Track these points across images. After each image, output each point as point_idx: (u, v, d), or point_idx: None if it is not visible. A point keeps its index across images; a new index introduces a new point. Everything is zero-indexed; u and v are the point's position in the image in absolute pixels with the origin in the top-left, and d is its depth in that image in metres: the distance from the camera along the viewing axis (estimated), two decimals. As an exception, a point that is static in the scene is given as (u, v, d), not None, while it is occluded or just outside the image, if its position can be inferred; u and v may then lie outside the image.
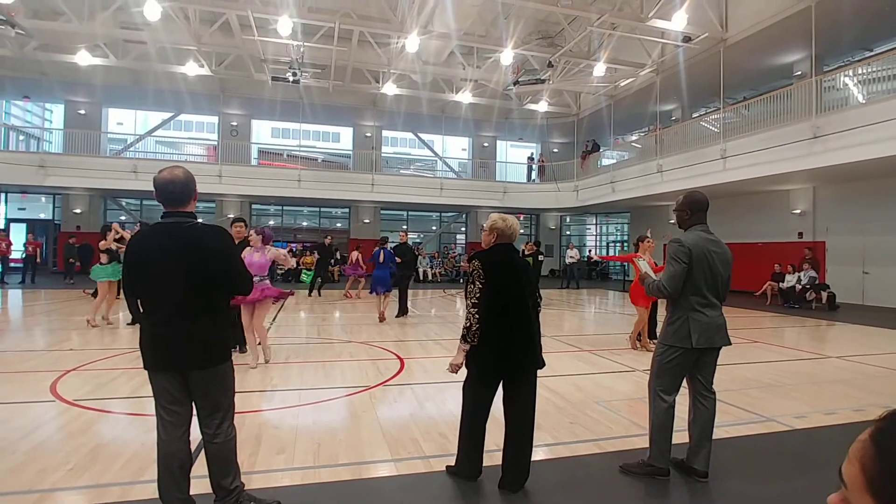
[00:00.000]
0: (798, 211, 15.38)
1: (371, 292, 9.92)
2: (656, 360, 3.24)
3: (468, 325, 2.91)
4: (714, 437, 3.79)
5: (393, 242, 10.81)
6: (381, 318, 9.63)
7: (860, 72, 12.05)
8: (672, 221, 16.51)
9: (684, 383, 3.30)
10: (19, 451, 3.36)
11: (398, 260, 10.04)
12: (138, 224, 8.63)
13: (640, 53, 16.14)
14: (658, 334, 3.40)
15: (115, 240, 8.33)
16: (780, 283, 14.00)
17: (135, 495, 2.82)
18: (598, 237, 26.72)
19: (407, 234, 11.14)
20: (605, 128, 20.17)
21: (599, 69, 15.70)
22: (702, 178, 14.52)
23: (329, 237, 15.50)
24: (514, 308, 2.96)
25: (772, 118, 12.89)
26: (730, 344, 3.24)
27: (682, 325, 3.09)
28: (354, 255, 13.76)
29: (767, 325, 10.50)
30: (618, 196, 18.60)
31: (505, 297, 2.94)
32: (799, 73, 14.32)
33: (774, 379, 5.74)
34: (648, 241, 7.30)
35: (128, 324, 8.48)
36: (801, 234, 15.34)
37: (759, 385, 5.45)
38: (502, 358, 2.91)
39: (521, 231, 25.86)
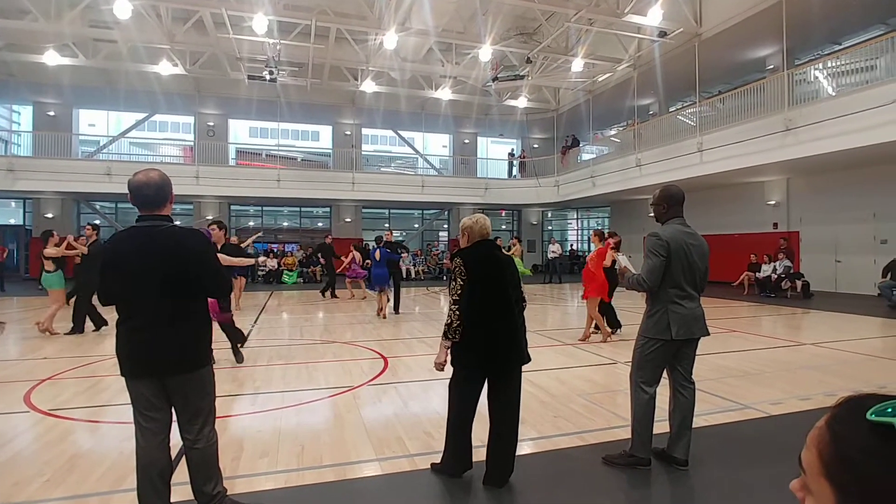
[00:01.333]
0: (773, 202, 15.71)
1: (371, 289, 10.09)
2: (637, 352, 3.29)
3: (449, 321, 2.92)
4: (693, 425, 3.87)
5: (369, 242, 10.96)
6: (382, 314, 9.96)
7: (830, 65, 12.34)
8: (651, 215, 16.71)
9: (665, 374, 3.36)
10: (-8, 464, 3.27)
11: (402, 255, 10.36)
12: (88, 226, 8.34)
13: (618, 49, 16.29)
14: (636, 326, 3.45)
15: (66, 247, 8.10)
16: (757, 273, 14.31)
17: (114, 505, 2.77)
18: (578, 231, 26.96)
19: (392, 234, 11.35)
20: (584, 123, 20.35)
21: (577, 64, 15.81)
22: (679, 171, 14.74)
23: (329, 236, 15.29)
24: (498, 304, 2.97)
25: (746, 111, 13.13)
26: (708, 334, 3.30)
27: (662, 318, 3.14)
28: (356, 255, 13.35)
29: (744, 315, 10.72)
30: (598, 190, 18.79)
31: (487, 293, 2.95)
32: (771, 66, 14.61)
33: (752, 367, 5.87)
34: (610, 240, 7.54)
35: (93, 330, 8.28)
36: (776, 225, 15.68)
37: (736, 373, 5.57)
38: (487, 355, 2.92)
39: (504, 227, 26.04)
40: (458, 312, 2.90)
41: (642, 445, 3.22)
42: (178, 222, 2.60)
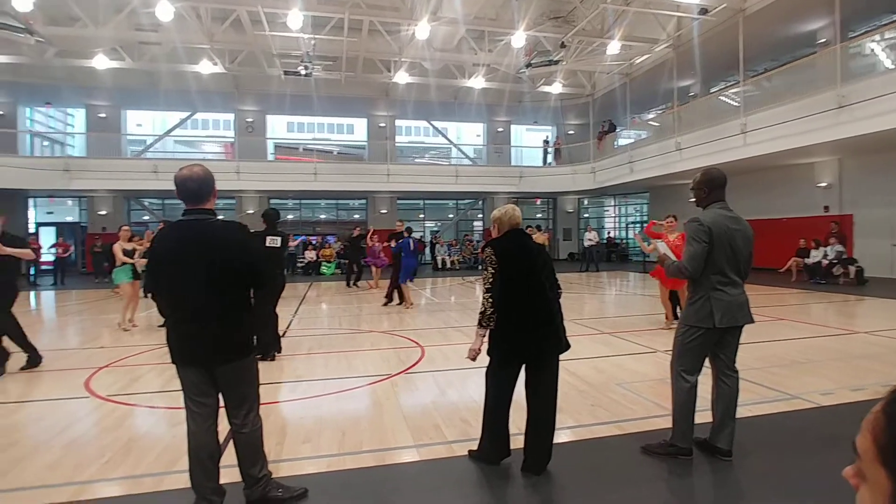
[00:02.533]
0: (823, 184, 14.95)
1: (401, 282, 10.06)
2: (678, 340, 3.21)
3: (483, 309, 2.94)
4: (737, 415, 3.77)
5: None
6: (410, 305, 10.03)
7: (888, 36, 11.58)
8: (692, 200, 16.20)
9: (707, 363, 3.27)
10: (56, 447, 3.50)
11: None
12: (161, 223, 8.51)
13: (655, 28, 15.75)
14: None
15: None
16: (806, 259, 13.68)
17: (168, 485, 2.92)
18: (616, 218, 26.39)
19: (403, 224, 11.23)
20: (620, 107, 19.83)
21: (614, 47, 15.39)
22: (722, 154, 14.20)
23: (357, 228, 15.53)
24: (532, 292, 2.97)
25: (794, 89, 12.49)
26: (752, 322, 3.19)
27: (704, 305, 3.05)
28: (377, 245, 13.55)
29: (793, 302, 10.29)
30: (636, 176, 18.30)
31: (521, 281, 2.95)
32: (823, 40, 13.83)
33: (800, 356, 5.65)
34: (669, 221, 7.27)
35: (158, 326, 8.20)
36: (826, 208, 14.92)
37: (784, 363, 5.37)
38: (522, 342, 2.92)
39: (539, 215, 25.77)
40: (491, 300, 2.91)
41: (683, 435, 3.16)
42: (220, 216, 2.69)
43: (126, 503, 2.79)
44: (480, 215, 25.45)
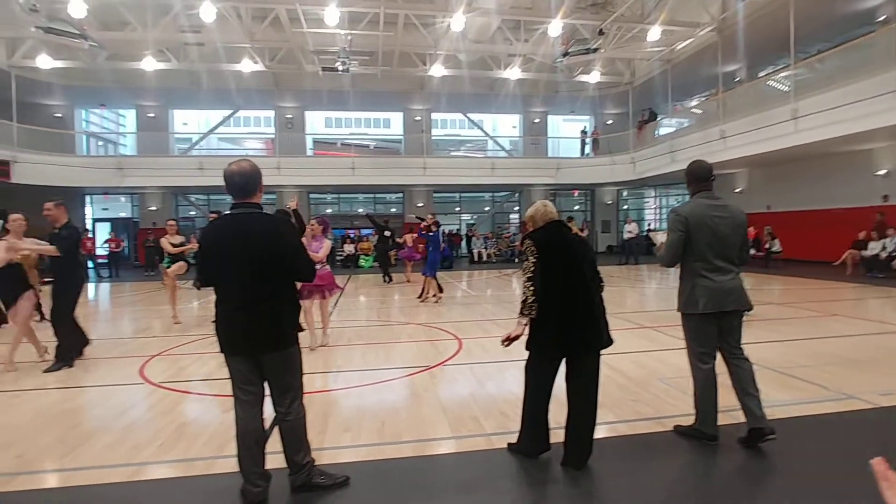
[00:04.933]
0: (882, 172, 14.09)
1: (425, 274, 10.06)
2: (684, 330, 3.36)
3: (524, 298, 2.92)
4: (788, 415, 3.65)
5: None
6: (437, 298, 9.98)
7: (956, 12, 10.80)
8: (737, 190, 15.84)
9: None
10: (115, 429, 3.71)
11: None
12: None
13: (698, 11, 15.16)
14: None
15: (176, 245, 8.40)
16: (863, 251, 12.96)
17: (218, 469, 3.05)
18: (657, 210, 25.67)
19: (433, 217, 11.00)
20: (661, 95, 19.19)
21: (654, 33, 14.91)
22: (770, 141, 13.60)
23: (386, 221, 15.64)
24: (571, 284, 2.93)
25: (851, 71, 11.79)
26: (749, 308, 3.27)
27: (691, 293, 3.19)
28: (409, 237, 13.78)
29: (847, 297, 9.80)
30: (677, 166, 17.68)
31: (561, 273, 2.92)
32: (883, 17, 13.00)
33: (855, 354, 5.37)
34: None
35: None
36: (885, 197, 14.06)
37: (837, 360, 5.12)
38: (562, 335, 2.89)
39: (577, 207, 25.35)
40: (532, 289, 2.89)
41: (707, 420, 3.23)
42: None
43: (180, 485, 2.93)
44: (517, 208, 25.25)
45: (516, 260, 20.74)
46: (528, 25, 16.61)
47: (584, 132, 24.19)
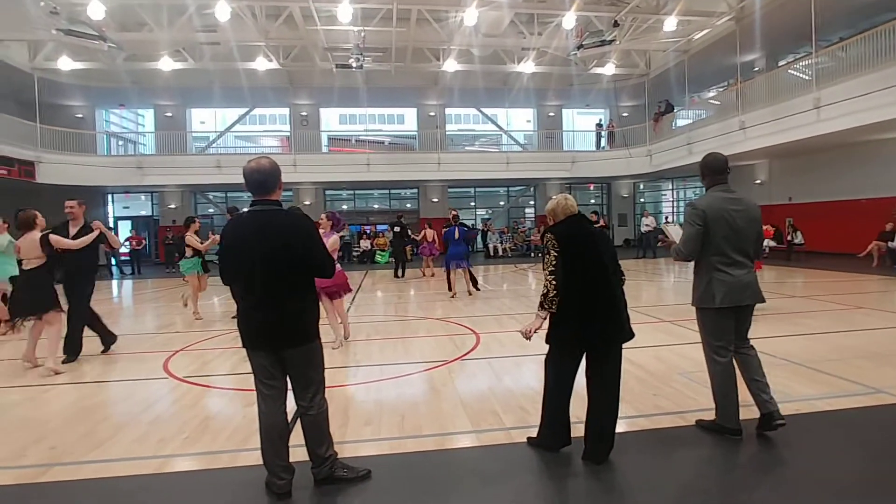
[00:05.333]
0: (909, 161, 13.74)
1: (445, 267, 10.10)
2: (698, 324, 3.35)
3: (545, 291, 2.91)
4: (815, 409, 3.60)
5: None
6: (453, 293, 9.97)
7: None
8: (758, 181, 15.59)
9: None
10: (142, 423, 3.79)
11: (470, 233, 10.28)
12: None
13: (716, 1, 14.88)
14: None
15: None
16: (889, 243, 12.65)
17: (242, 461, 3.10)
18: (674, 203, 25.35)
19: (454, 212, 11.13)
20: (678, 86, 18.92)
21: (671, 23, 14.68)
22: (791, 132, 13.34)
23: (401, 215, 15.64)
24: (593, 278, 2.91)
25: (875, 58, 11.48)
26: (762, 301, 3.27)
27: (707, 287, 3.16)
28: (430, 233, 13.68)
29: (873, 290, 9.58)
30: (695, 158, 17.38)
31: (583, 267, 2.90)
32: (909, 2, 12.62)
33: (883, 348, 5.26)
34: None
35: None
36: (913, 187, 13.72)
37: (864, 354, 5.02)
38: (583, 329, 2.88)
39: (593, 200, 25.13)
40: (554, 282, 2.88)
41: (727, 415, 3.20)
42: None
43: (205, 477, 2.99)
44: (532, 202, 25.12)
45: (532, 254, 20.67)
46: (542, 18, 16.46)
47: (599, 125, 23.94)
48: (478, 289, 10.39)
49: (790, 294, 9.15)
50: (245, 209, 2.77)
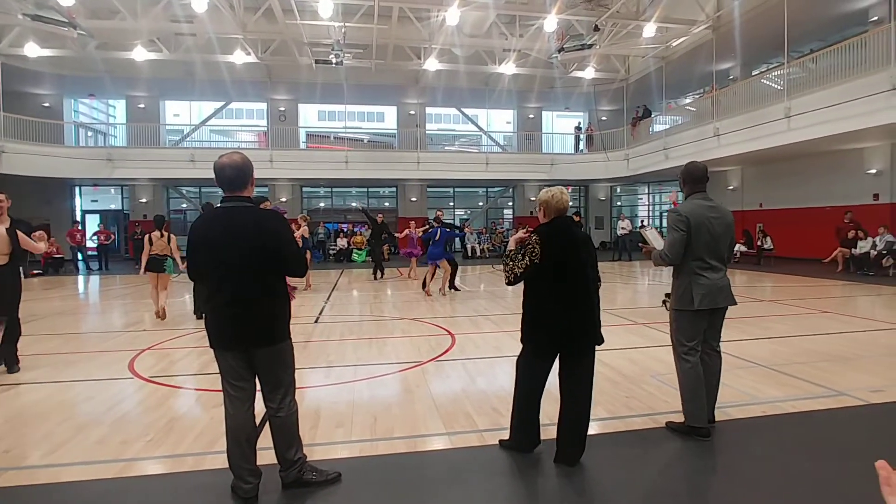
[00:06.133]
0: (873, 171, 14.22)
1: (429, 262, 10.16)
2: (671, 326, 3.43)
3: (511, 265, 2.96)
4: (781, 411, 3.68)
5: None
6: (428, 291, 10.08)
7: (948, 12, 10.85)
8: (731, 187, 15.94)
9: None
10: (104, 424, 3.66)
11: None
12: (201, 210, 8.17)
13: (693, 9, 15.19)
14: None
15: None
16: (853, 249, 13.09)
17: (207, 465, 3.01)
18: (650, 207, 25.78)
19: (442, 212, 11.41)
20: (656, 92, 19.24)
21: (649, 29, 14.90)
22: (763, 139, 13.67)
23: (381, 215, 15.43)
24: (575, 284, 2.91)
25: (843, 71, 11.86)
26: (734, 304, 3.38)
27: (686, 290, 3.28)
28: (414, 232, 13.24)
29: (837, 294, 9.88)
30: (671, 163, 17.75)
31: (564, 272, 2.89)
32: (875, 18, 13.07)
33: (847, 351, 5.42)
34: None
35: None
36: (876, 196, 14.21)
37: (828, 357, 5.16)
38: (561, 334, 2.88)
39: (570, 203, 25.32)
40: (513, 272, 2.94)
41: (695, 416, 3.28)
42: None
43: (169, 481, 2.89)
44: (510, 203, 25.24)
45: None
46: (524, 20, 16.54)
47: (578, 128, 24.18)
48: (455, 289, 10.46)
49: (759, 298, 9.37)
50: (218, 205, 2.69)
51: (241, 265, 2.54)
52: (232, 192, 2.64)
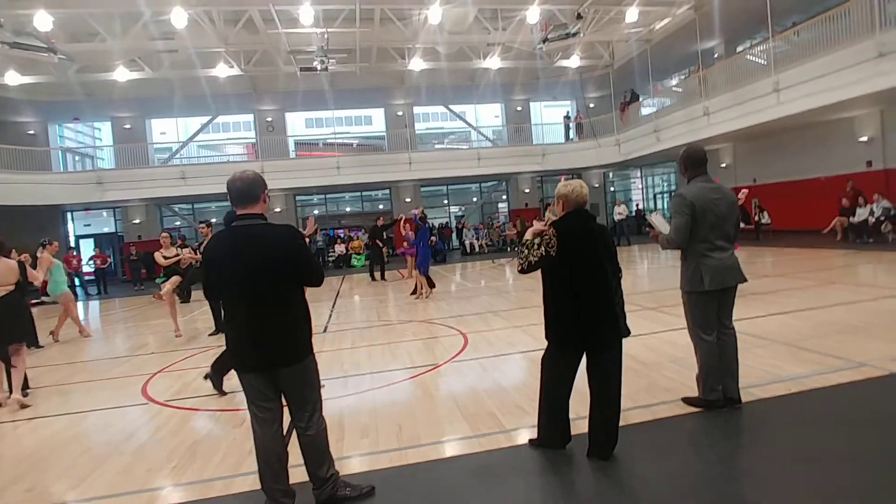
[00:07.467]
0: (865, 138, 14.26)
1: (421, 271, 9.94)
2: (685, 308, 3.52)
3: (527, 254, 2.91)
4: (805, 387, 3.68)
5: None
6: (420, 295, 9.94)
7: (929, -25, 10.87)
8: (723, 165, 15.95)
9: None
10: (126, 453, 3.60)
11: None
12: (202, 226, 8.09)
13: (676, -10, 15.18)
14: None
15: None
16: (851, 218, 13.13)
17: (237, 488, 2.96)
18: (644, 190, 25.81)
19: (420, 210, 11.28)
20: (642, 75, 19.21)
21: (632, 14, 14.89)
22: (753, 115, 13.68)
23: (380, 218, 15.33)
24: (593, 278, 2.87)
25: (828, 41, 11.87)
26: (745, 281, 3.45)
27: (695, 271, 3.34)
28: (409, 234, 13.11)
29: (841, 264, 9.92)
30: (663, 145, 17.78)
31: (582, 267, 2.86)
32: (856, -14, 13.09)
33: (860, 320, 5.42)
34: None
35: (209, 334, 7.74)
36: (869, 163, 14.25)
37: (843, 329, 5.16)
38: (583, 330, 2.85)
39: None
40: (527, 260, 2.90)
41: (712, 390, 3.41)
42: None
43: (200, 507, 2.84)
44: (505, 197, 25.21)
45: (508, 249, 20.73)
46: (506, 13, 16.49)
47: (567, 117, 24.15)
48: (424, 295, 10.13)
49: (763, 274, 9.38)
50: (234, 222, 2.63)
51: (260, 284, 2.49)
52: (244, 208, 2.59)
